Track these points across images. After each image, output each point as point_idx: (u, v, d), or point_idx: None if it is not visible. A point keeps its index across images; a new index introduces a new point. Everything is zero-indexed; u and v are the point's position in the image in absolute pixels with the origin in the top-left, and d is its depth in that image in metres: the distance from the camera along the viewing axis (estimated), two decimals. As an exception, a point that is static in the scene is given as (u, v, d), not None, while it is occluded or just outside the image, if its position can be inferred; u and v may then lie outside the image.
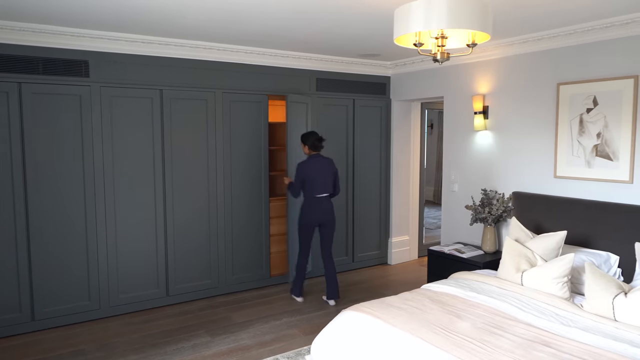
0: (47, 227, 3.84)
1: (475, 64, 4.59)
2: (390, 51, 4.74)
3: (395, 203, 5.75)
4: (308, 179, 4.25)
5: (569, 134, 3.82)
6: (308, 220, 4.31)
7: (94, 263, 4.04)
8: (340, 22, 3.54)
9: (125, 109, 4.08)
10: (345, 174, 5.38)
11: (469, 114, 4.69)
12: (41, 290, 3.85)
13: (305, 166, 4.26)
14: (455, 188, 4.90)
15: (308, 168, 4.25)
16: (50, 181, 3.82)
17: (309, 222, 4.31)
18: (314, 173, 4.25)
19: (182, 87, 4.31)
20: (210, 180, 4.53)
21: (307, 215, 4.30)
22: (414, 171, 5.91)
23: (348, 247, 5.49)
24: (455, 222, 4.91)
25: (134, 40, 3.97)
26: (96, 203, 4.00)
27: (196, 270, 4.54)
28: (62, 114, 3.83)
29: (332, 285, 4.42)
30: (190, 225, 4.47)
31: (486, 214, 4.23)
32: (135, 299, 4.25)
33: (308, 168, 4.25)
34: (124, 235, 4.16)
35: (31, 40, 3.64)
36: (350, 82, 5.29)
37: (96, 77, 3.93)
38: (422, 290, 3.32)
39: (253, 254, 4.85)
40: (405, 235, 5.90)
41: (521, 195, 4.15)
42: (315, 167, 4.27)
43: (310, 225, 4.33)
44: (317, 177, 4.26)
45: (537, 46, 4.00)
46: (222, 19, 3.49)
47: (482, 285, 3.30)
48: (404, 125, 5.73)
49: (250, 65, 4.64)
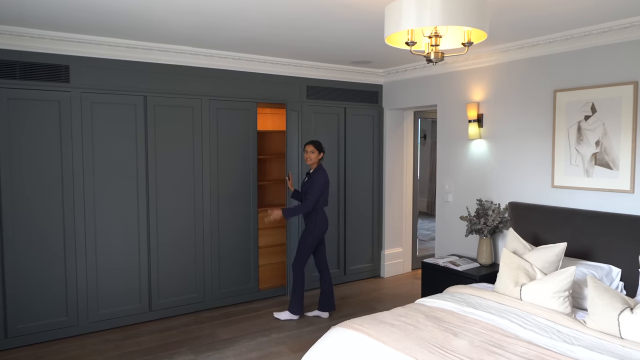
0: (21, 239, 3.64)
1: (469, 71, 4.49)
2: (382, 58, 4.63)
3: (388, 214, 5.60)
4: (325, 189, 4.20)
5: (567, 142, 3.70)
6: (322, 233, 4.24)
7: (72, 277, 3.84)
8: (330, 27, 3.42)
9: (107, 115, 3.92)
10: (337, 184, 5.23)
11: (463, 122, 4.57)
12: (15, 305, 3.64)
13: (325, 175, 4.20)
14: (449, 198, 4.76)
15: (327, 177, 4.21)
16: (25, 191, 3.63)
17: (322, 235, 4.24)
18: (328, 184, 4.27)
19: (167, 94, 4.16)
20: (197, 190, 4.36)
21: (324, 228, 4.23)
22: (407, 182, 5.77)
23: (340, 260, 5.32)
24: (450, 234, 4.76)
25: (117, 44, 3.82)
26: (75, 214, 3.82)
27: (181, 284, 4.35)
28: (40, 120, 3.66)
29: (330, 297, 4.32)
30: (175, 236, 4.29)
31: (482, 225, 4.09)
32: (115, 314, 4.05)
33: (327, 177, 4.21)
34: (104, 248, 3.96)
35: (8, 44, 3.48)
36: (341, 90, 5.17)
37: (77, 82, 3.77)
38: (416, 306, 3.15)
39: (241, 266, 4.67)
40: (399, 247, 5.74)
41: (518, 205, 4.02)
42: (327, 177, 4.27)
43: (320, 238, 4.26)
44: (328, 188, 4.25)
45: (532, 52, 3.90)
46: (205, 26, 3.36)
47: (479, 300, 3.14)
48: (396, 134, 5.60)
49: (239, 72, 4.50)
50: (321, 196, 4.15)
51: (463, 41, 2.03)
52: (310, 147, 4.20)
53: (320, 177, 4.14)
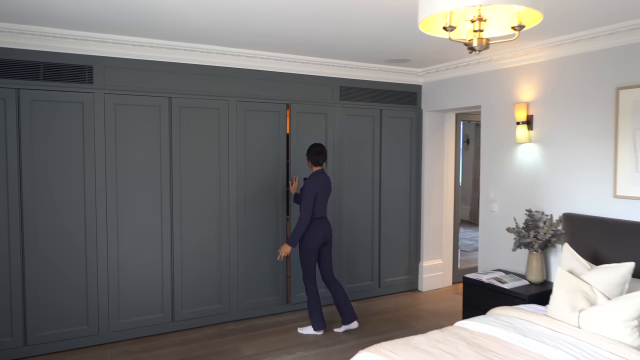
0: (43, 246, 3.55)
1: (516, 69, 4.08)
2: (421, 56, 4.30)
3: (427, 223, 5.23)
4: (318, 196, 3.88)
5: (632, 147, 3.25)
6: (317, 243, 3.90)
7: (94, 284, 3.72)
8: (364, 20, 3.14)
9: (131, 117, 3.79)
10: (372, 191, 4.92)
11: (510, 125, 4.16)
12: (35, 312, 3.54)
13: (314, 182, 3.87)
14: (494, 208, 4.35)
15: (317, 184, 3.87)
16: (47, 195, 3.54)
17: (317, 245, 3.91)
18: (322, 191, 3.90)
19: (192, 95, 4.00)
20: (223, 195, 4.17)
21: (317, 237, 3.89)
22: (448, 189, 5.38)
23: (374, 271, 5.00)
24: (495, 247, 4.35)
25: (141, 44, 3.69)
26: (97, 220, 3.70)
27: (205, 293, 4.15)
28: (63, 122, 3.56)
29: (347, 307, 4.00)
30: (199, 244, 4.10)
31: (532, 239, 3.67)
32: (137, 324, 3.89)
33: (317, 184, 3.87)
34: (126, 255, 3.82)
35: (31, 44, 3.41)
36: (377, 91, 4.86)
37: (100, 83, 3.66)
38: (455, 329, 2.80)
39: (269, 277, 4.43)
40: (438, 259, 5.35)
41: (573, 217, 3.58)
42: (322, 183, 3.90)
43: (318, 248, 3.93)
44: (323, 195, 3.91)
45: (591, 46, 3.47)
46: (231, 18, 3.14)
47: (530, 326, 2.76)
48: (436, 138, 5.23)
49: (268, 72, 4.29)
50: (315, 205, 3.86)
51: (513, 25, 1.70)
52: None
53: (308, 185, 3.84)
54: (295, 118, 4.45)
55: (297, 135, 4.47)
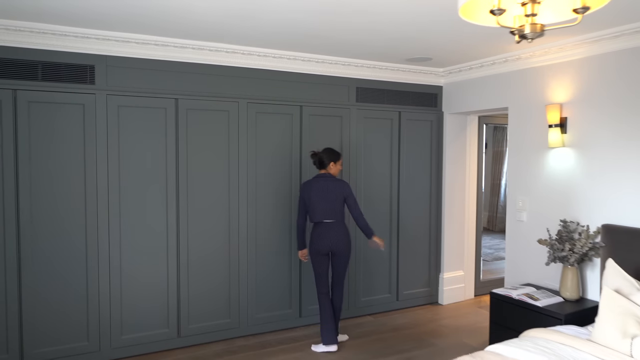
0: (40, 256, 3.32)
1: (548, 67, 3.78)
2: (444, 54, 4.02)
3: (448, 232, 4.92)
4: (310, 201, 3.70)
5: (683, 152, 2.93)
6: (316, 248, 3.71)
7: (95, 298, 3.49)
8: (383, 12, 2.87)
9: (135, 120, 3.56)
10: (389, 197, 4.64)
11: (540, 128, 3.86)
12: (32, 328, 3.32)
13: (303, 186, 3.77)
14: (523, 217, 4.04)
15: (305, 189, 3.74)
16: (46, 202, 3.32)
17: (317, 250, 3.71)
18: (317, 195, 3.68)
19: (200, 96, 3.76)
20: (232, 203, 3.92)
21: (315, 243, 3.71)
22: (470, 195, 5.08)
23: (392, 283, 4.71)
24: (524, 259, 4.04)
25: (146, 42, 3.46)
26: (99, 229, 3.47)
27: (213, 307, 3.90)
28: (63, 125, 3.34)
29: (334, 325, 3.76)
30: (207, 255, 3.85)
31: (567, 252, 3.36)
32: (140, 339, 3.65)
33: (305, 189, 3.74)
34: (129, 266, 3.59)
35: (29, 42, 3.20)
36: (395, 92, 4.58)
37: (102, 83, 3.44)
38: (487, 355, 2.51)
39: (281, 290, 4.17)
40: (459, 270, 5.04)
41: (615, 229, 3.26)
42: (318, 188, 3.69)
43: (320, 254, 3.71)
44: (319, 200, 3.68)
45: (635, 41, 3.16)
46: (240, 9, 2.90)
47: (573, 353, 2.46)
48: (458, 141, 4.94)
49: (280, 72, 4.04)
50: (308, 210, 3.75)
51: (575, 7, 1.43)
52: None
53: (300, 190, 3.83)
54: (308, 121, 4.19)
55: (310, 138, 4.21)
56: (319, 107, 4.22)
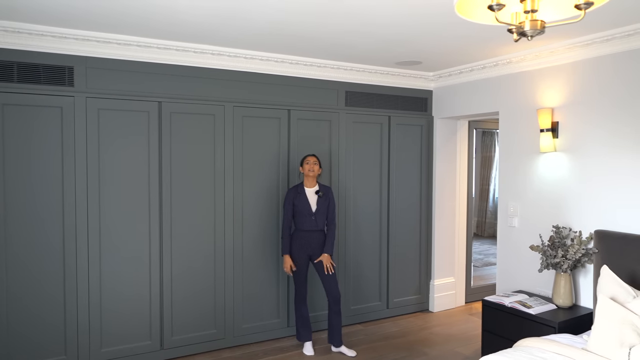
0: (13, 265, 3.17)
1: (540, 71, 3.74)
2: (434, 58, 3.96)
3: (438, 238, 4.85)
4: (297, 208, 3.71)
5: (677, 156, 2.89)
6: (296, 254, 3.73)
7: (73, 309, 3.34)
8: (373, 13, 2.79)
9: (116, 124, 3.43)
10: (379, 203, 4.55)
11: (532, 133, 3.81)
12: (6, 342, 3.15)
13: (287, 193, 3.78)
14: (514, 223, 3.98)
15: (288, 195, 3.77)
16: (21, 209, 3.17)
17: (297, 256, 3.73)
18: (302, 202, 3.71)
19: (185, 100, 3.64)
20: (218, 210, 3.79)
21: (295, 248, 3.73)
22: (461, 201, 5.02)
23: (382, 291, 4.61)
24: (516, 266, 3.97)
25: (127, 42, 3.34)
26: (77, 237, 3.32)
27: (198, 318, 3.77)
28: (39, 129, 3.20)
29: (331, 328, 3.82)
30: (191, 262, 3.73)
31: (560, 259, 3.30)
32: (121, 352, 3.50)
33: (288, 195, 3.77)
34: (109, 276, 3.45)
35: (3, 42, 3.05)
36: (385, 97, 4.51)
37: (82, 86, 3.31)
38: (483, 367, 2.43)
39: (268, 298, 4.05)
40: (450, 276, 4.97)
41: (607, 234, 3.21)
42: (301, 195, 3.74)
43: (302, 261, 3.73)
44: (304, 207, 3.69)
45: (627, 44, 3.13)
46: (223, 15, 2.80)
47: (570, 364, 2.38)
48: (448, 146, 4.88)
49: (267, 75, 3.94)
50: (293, 216, 3.76)
51: (578, 3, 1.35)
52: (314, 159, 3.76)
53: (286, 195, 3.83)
54: (296, 125, 4.09)
55: (298, 143, 4.11)
56: (307, 111, 4.13)
